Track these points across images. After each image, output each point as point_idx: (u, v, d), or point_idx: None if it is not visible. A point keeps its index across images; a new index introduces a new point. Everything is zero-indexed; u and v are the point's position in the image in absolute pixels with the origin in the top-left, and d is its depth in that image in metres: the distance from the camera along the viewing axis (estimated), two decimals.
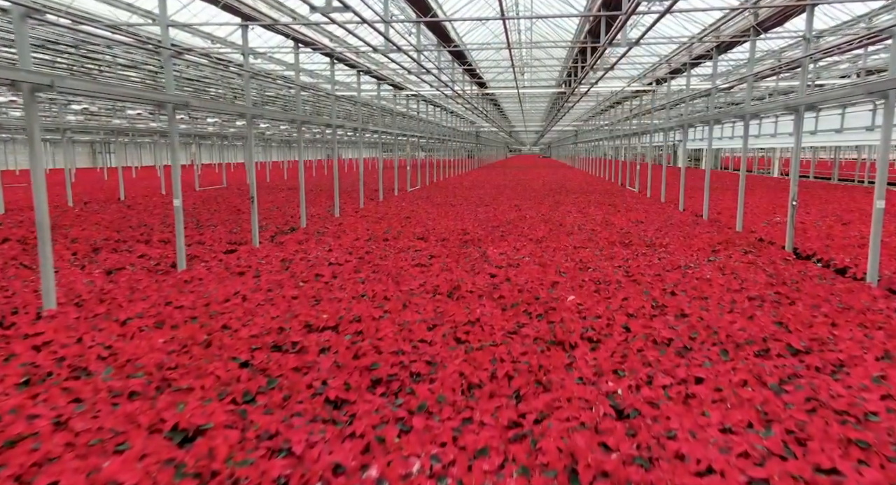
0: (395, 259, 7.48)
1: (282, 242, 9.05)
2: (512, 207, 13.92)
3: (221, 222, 11.26)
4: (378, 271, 6.70)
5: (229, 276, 6.44)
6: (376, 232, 9.87)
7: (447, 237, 9.29)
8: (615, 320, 4.72)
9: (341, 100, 16.02)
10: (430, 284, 5.98)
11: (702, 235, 9.47)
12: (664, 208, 13.61)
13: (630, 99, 20.77)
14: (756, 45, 9.37)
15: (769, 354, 3.91)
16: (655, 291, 5.73)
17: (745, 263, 7.19)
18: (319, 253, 7.91)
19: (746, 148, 9.71)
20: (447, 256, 7.71)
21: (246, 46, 8.29)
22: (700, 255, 7.81)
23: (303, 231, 10.18)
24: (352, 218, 12.02)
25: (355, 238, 9.30)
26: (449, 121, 30.31)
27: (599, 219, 11.59)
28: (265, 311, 4.92)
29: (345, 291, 5.66)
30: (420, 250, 8.15)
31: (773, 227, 10.31)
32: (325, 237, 9.42)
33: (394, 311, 4.99)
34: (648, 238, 9.13)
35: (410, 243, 8.71)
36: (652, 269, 6.84)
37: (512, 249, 8.29)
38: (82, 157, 45.43)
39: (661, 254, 7.91)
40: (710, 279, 6.22)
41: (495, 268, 6.91)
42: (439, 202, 15.30)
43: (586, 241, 9.01)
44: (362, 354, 3.89)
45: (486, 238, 9.23)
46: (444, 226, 10.60)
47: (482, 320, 4.67)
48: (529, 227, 10.45)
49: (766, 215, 11.90)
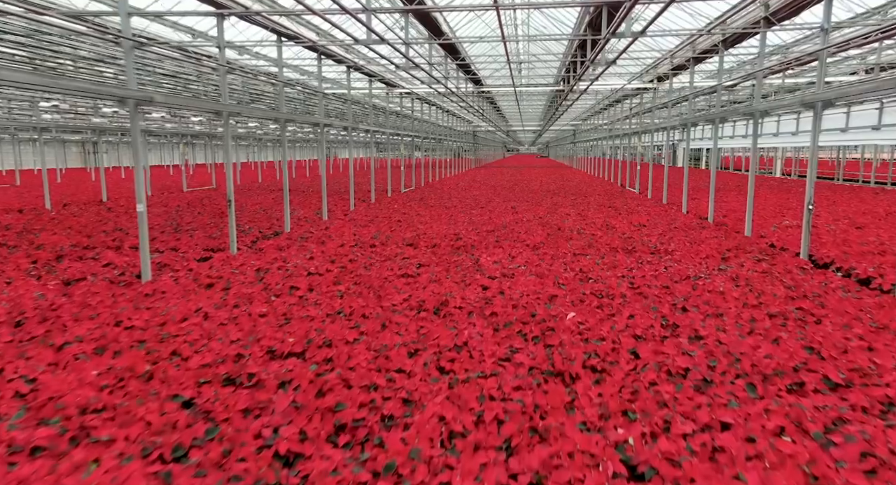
0: (381, 269, 6.91)
1: (262, 248, 8.47)
2: (508, 210, 13.35)
3: (202, 226, 10.68)
4: (360, 283, 6.13)
5: (196, 288, 5.86)
6: (363, 237, 9.31)
7: (438, 243, 8.73)
8: (621, 344, 4.16)
9: (330, 97, 15.43)
10: (415, 299, 5.41)
11: (709, 240, 8.92)
12: (667, 211, 13.06)
13: (630, 97, 20.22)
14: (766, 38, 8.81)
15: (804, 389, 3.34)
16: (664, 307, 5.17)
17: (759, 272, 6.63)
18: (300, 261, 7.33)
19: (756, 147, 9.16)
20: (437, 265, 7.14)
21: (221, 38, 7.71)
22: (709, 263, 7.26)
23: (286, 236, 9.60)
24: (340, 221, 11.45)
25: (340, 244, 8.73)
26: (445, 120, 29.74)
27: (599, 222, 11.03)
28: (225, 333, 4.34)
29: (319, 308, 5.09)
30: (408, 258, 7.58)
31: (783, 231, 9.76)
32: (308, 243, 8.85)
33: (371, 332, 4.42)
34: (652, 244, 8.57)
35: (398, 250, 8.14)
36: (658, 279, 6.28)
37: (507, 256, 7.72)
38: (74, 156, 44.77)
39: (668, 262, 7.35)
40: (724, 292, 5.67)
41: (488, 279, 6.35)
42: (433, 204, 14.73)
43: (586, 247, 8.45)
44: (328, 389, 3.32)
45: (480, 244, 8.67)
46: (436, 230, 10.03)
47: (470, 345, 4.11)
48: (526, 231, 9.88)
49: (773, 218, 11.35)
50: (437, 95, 20.75)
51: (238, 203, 15.35)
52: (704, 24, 10.99)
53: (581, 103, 26.37)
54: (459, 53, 12.35)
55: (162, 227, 10.70)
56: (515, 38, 13.11)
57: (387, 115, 17.34)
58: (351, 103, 13.69)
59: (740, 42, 9.77)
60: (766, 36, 8.72)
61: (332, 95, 14.85)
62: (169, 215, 12.46)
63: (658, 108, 18.14)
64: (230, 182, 8.22)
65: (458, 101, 19.60)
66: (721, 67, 10.69)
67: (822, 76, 7.13)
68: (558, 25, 13.44)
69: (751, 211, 9.50)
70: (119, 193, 19.42)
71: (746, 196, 16.07)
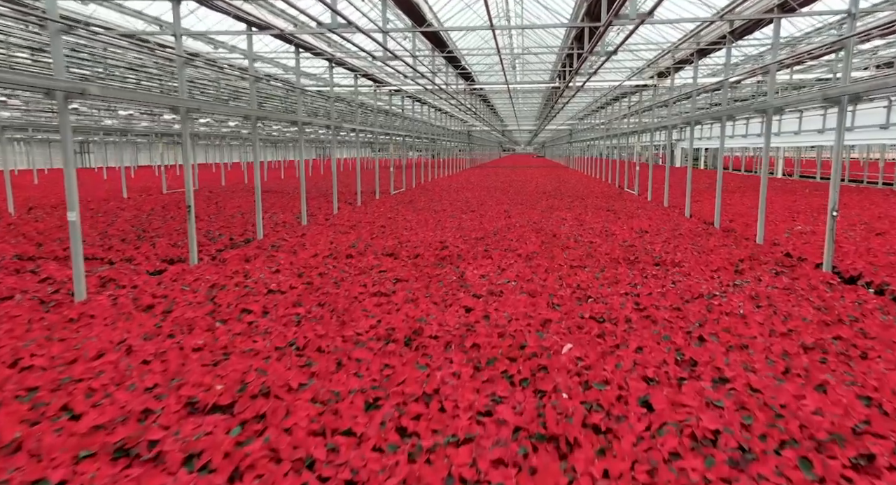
0: (352, 284, 6.10)
1: (225, 258, 7.66)
2: (501, 213, 12.56)
3: (169, 233, 9.86)
4: (324, 304, 5.32)
5: (132, 311, 5.05)
6: (340, 246, 8.50)
7: (422, 253, 7.93)
8: (629, 390, 3.37)
9: (312, 94, 14.61)
10: (385, 325, 4.61)
11: (718, 248, 8.14)
12: (669, 215, 12.29)
13: (629, 95, 19.46)
14: (780, 26, 8.04)
15: (875, 465, 2.55)
16: (677, 336, 4.38)
17: (780, 289, 5.85)
18: (263, 275, 6.53)
19: (769, 147, 8.38)
20: (416, 280, 6.34)
21: (177, 25, 6.90)
22: (722, 276, 6.47)
23: (256, 244, 8.79)
24: (319, 227, 10.64)
25: (314, 254, 7.92)
26: (438, 120, 28.95)
27: (598, 228, 10.25)
28: (142, 375, 3.53)
29: (269, 338, 4.29)
30: (385, 271, 6.78)
31: (797, 237, 8.99)
32: (279, 252, 8.04)
33: (323, 374, 3.62)
34: (657, 254, 7.79)
35: (376, 262, 7.33)
36: (667, 298, 5.49)
37: (496, 269, 6.93)
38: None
39: (675, 275, 6.57)
40: (745, 315, 4.88)
41: (472, 298, 5.56)
42: (421, 207, 13.94)
43: (584, 257, 7.66)
44: (246, 468, 2.52)
45: (468, 254, 7.87)
46: (422, 237, 9.24)
47: (443, 392, 3.31)
48: (518, 238, 9.09)
49: (783, 223, 10.59)
50: (428, 94, 19.96)
51: (217, 206, 14.52)
52: (710, 14, 10.21)
53: (578, 101, 25.61)
54: (447, 46, 11.57)
55: (125, 233, 9.88)
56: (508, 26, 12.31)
57: (375, 113, 16.52)
58: (334, 100, 12.87)
59: (751, 32, 9.01)
60: (780, 24, 7.95)
61: (314, 93, 14.02)
62: (138, 220, 11.63)
63: (658, 106, 17.38)
64: (189, 185, 7.41)
65: (448, 98, 18.81)
66: (728, 61, 9.92)
67: (848, 67, 6.36)
68: (554, 15, 12.65)
69: (763, 216, 8.72)
70: (96, 194, 18.56)
71: (752, 198, 15.35)
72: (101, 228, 10.47)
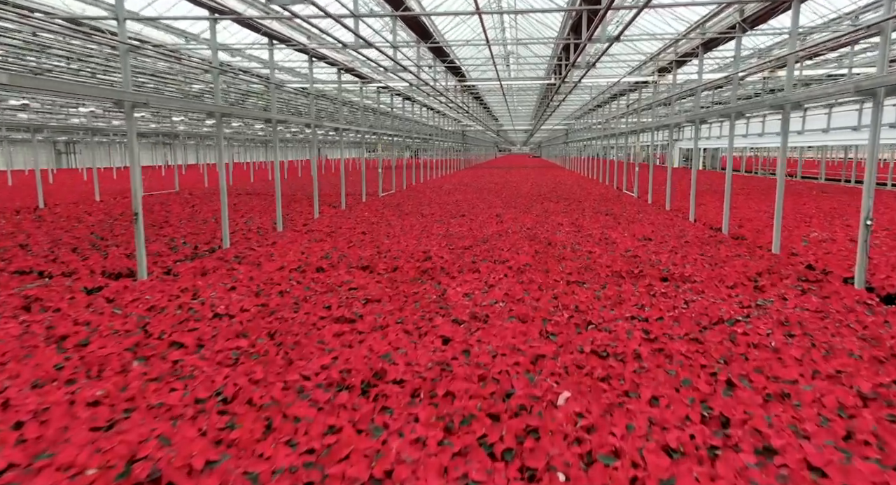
0: (315, 306, 5.25)
1: (179, 272, 6.80)
2: (492, 218, 11.73)
3: (129, 241, 9.00)
4: (275, 334, 4.48)
5: (40, 344, 4.18)
6: (313, 256, 7.65)
7: (401, 265, 7.08)
8: (647, 468, 2.53)
9: (290, 91, 13.73)
10: (341, 364, 3.77)
11: (731, 259, 7.32)
12: (672, 219, 11.47)
13: (627, 93, 18.65)
14: (799, 13, 7.22)
15: None
16: (700, 379, 3.55)
17: (812, 311, 5.02)
18: (216, 293, 5.68)
19: (786, 146, 7.56)
20: (390, 301, 5.50)
21: (120, 6, 6.05)
22: (741, 294, 5.65)
23: (220, 255, 7.93)
24: (295, 234, 9.79)
25: (280, 266, 7.07)
26: (431, 119, 28.12)
27: (597, 235, 9.42)
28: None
29: (191, 386, 3.43)
30: (356, 289, 5.93)
31: (815, 246, 8.19)
32: (242, 265, 7.18)
33: (245, 442, 2.77)
34: (663, 266, 6.95)
35: (348, 277, 6.47)
36: (682, 324, 4.66)
37: (483, 285, 6.09)
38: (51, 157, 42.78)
39: (687, 293, 5.74)
40: (778, 349, 4.06)
41: (453, 324, 4.72)
42: (409, 211, 13.09)
43: (582, 270, 6.83)
44: None
45: (452, 266, 7.03)
46: (404, 246, 8.40)
47: (398, 475, 2.47)
48: (510, 247, 8.26)
49: (797, 229, 9.77)
50: (418, 92, 19.12)
51: (193, 210, 13.66)
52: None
53: (575, 98, 24.80)
54: (431, 35, 10.72)
55: (80, 241, 9.01)
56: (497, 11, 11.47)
57: (362, 111, 15.66)
58: (314, 97, 12.02)
59: (765, 20, 8.21)
60: (799, 10, 7.14)
61: (296, 89, 13.16)
62: (101, 226, 10.76)
63: (659, 103, 16.58)
64: (136, 190, 6.53)
65: (437, 95, 17.96)
66: (738, 53, 9.10)
67: (885, 55, 5.54)
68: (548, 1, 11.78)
69: (779, 222, 7.89)
70: (67, 197, 17.67)
71: (758, 201, 14.49)
72: (56, 236, 9.60)
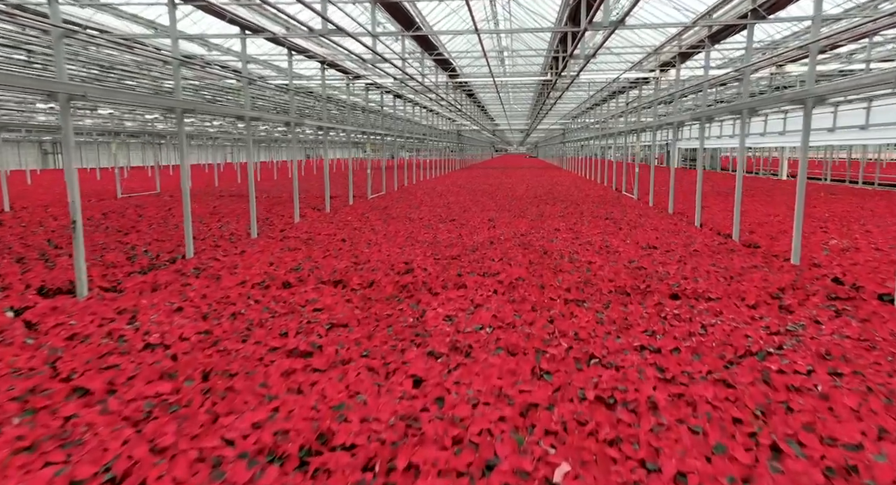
0: (268, 334, 4.47)
1: (125, 288, 6.01)
2: (484, 222, 10.96)
3: (88, 249, 8.19)
4: (210, 374, 3.69)
5: None
6: (282, 268, 6.86)
7: (378, 279, 6.30)
8: None
9: (268, 86, 12.93)
10: (278, 422, 2.98)
11: (748, 271, 6.56)
12: (676, 224, 10.71)
13: (626, 90, 17.90)
14: None
15: None
16: (736, 443, 2.78)
17: (853, 339, 4.26)
18: (157, 315, 4.89)
19: (807, 145, 6.81)
20: (359, 326, 4.72)
21: None
22: (766, 315, 4.88)
23: (179, 266, 7.13)
24: (269, 241, 9.00)
25: (242, 280, 6.27)
26: (423, 118, 27.34)
27: (597, 242, 8.66)
28: None
29: (75, 457, 2.64)
30: (320, 310, 5.15)
31: (837, 255, 7.44)
32: (199, 278, 6.39)
33: None
34: (673, 280, 6.18)
35: (315, 294, 5.68)
36: (703, 358, 3.90)
37: (469, 304, 5.32)
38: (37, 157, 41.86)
39: (703, 314, 4.97)
40: (826, 394, 3.29)
41: (428, 357, 3.94)
42: (395, 215, 12.31)
43: (582, 284, 6.06)
44: None
45: (435, 280, 6.25)
46: (385, 255, 7.62)
47: None
48: (502, 257, 7.48)
49: (813, 236, 9.02)
50: (408, 90, 18.33)
51: (168, 213, 12.85)
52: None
53: (572, 95, 24.03)
54: (414, 22, 9.93)
55: (31, 249, 8.21)
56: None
57: (349, 109, 14.87)
58: (295, 93, 11.22)
59: (783, 6, 7.45)
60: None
61: (272, 84, 12.36)
62: (63, 231, 9.96)
63: (661, 101, 15.83)
64: (74, 196, 5.72)
65: (427, 92, 17.17)
66: (750, 44, 8.35)
67: None
68: None
69: (800, 230, 7.12)
70: (39, 199, 16.83)
71: (766, 204, 13.69)
72: (7, 243, 8.80)
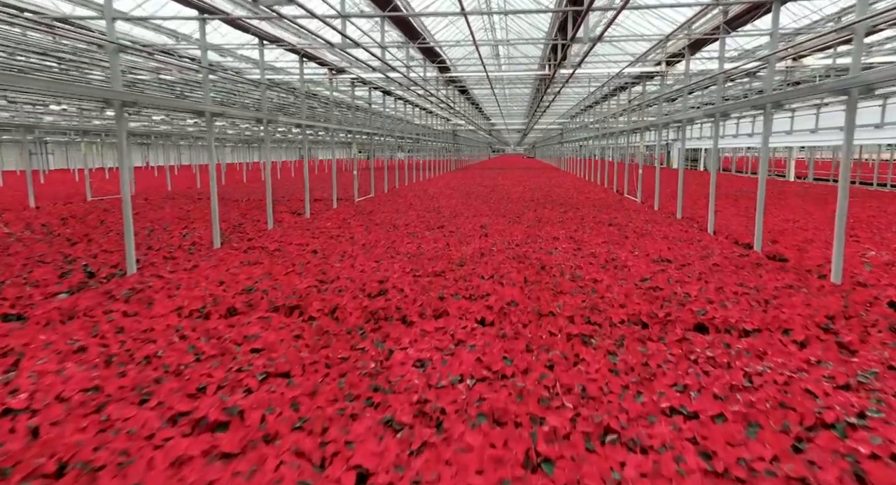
0: (179, 391, 3.41)
1: (30, 317, 4.95)
2: (476, 230, 9.91)
3: (23, 263, 7.14)
4: (66, 468, 2.63)
5: None
6: (232, 289, 5.80)
7: (344, 304, 5.23)
8: None
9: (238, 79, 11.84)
10: None
11: (782, 292, 5.52)
12: (687, 231, 9.68)
13: (629, 87, 16.87)
14: None
15: None
16: None
17: None
18: (44, 362, 3.83)
19: (851, 141, 5.77)
20: (304, 375, 3.66)
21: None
22: (824, 357, 3.84)
23: (114, 285, 6.06)
24: (230, 253, 7.94)
25: (178, 306, 5.21)
26: (417, 117, 26.29)
27: (601, 253, 7.61)
28: None
29: None
30: (259, 352, 4.08)
31: (882, 270, 6.40)
32: (129, 303, 5.33)
33: None
34: (697, 305, 5.13)
35: (260, 328, 4.61)
36: (761, 433, 2.84)
37: (448, 340, 4.26)
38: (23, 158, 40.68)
39: (743, 355, 3.92)
40: None
41: (385, 429, 2.88)
42: (380, 221, 11.26)
43: (587, 311, 5.01)
44: None
45: (412, 305, 5.19)
46: (356, 272, 6.56)
47: None
48: (493, 274, 6.43)
49: (846, 246, 7.97)
50: (397, 85, 17.27)
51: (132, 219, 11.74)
52: None
53: (570, 92, 22.98)
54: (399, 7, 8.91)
55: None
56: None
57: (332, 106, 13.82)
58: (266, 87, 10.16)
59: None
60: None
61: (230, 74, 11.28)
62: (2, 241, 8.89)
63: (666, 97, 14.81)
64: None
65: (412, 85, 16.12)
66: (776, 27, 7.32)
67: None
68: None
69: (842, 243, 6.06)
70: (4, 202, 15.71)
71: (780, 208, 12.55)
72: None
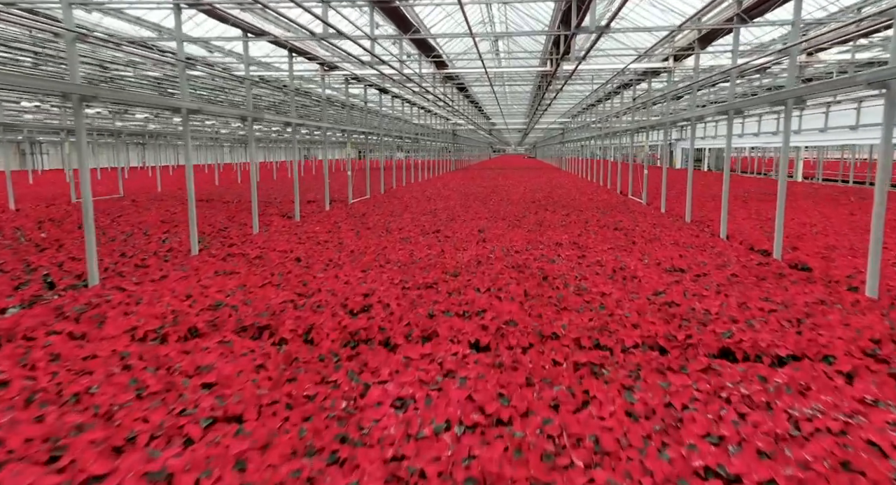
0: (102, 444, 2.80)
1: None
2: (473, 235, 9.31)
3: None
4: None
5: None
6: (198, 305, 5.19)
7: (321, 323, 4.62)
8: None
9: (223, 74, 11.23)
10: None
11: (815, 309, 4.91)
12: (698, 236, 9.07)
13: (634, 84, 16.26)
14: None
15: None
16: None
17: None
18: None
19: (891, 138, 5.16)
20: (258, 418, 3.05)
21: None
22: (881, 395, 3.23)
23: (69, 298, 5.45)
24: (206, 261, 7.34)
25: (132, 327, 4.61)
26: (416, 116, 25.69)
27: (608, 262, 7.00)
28: None
29: None
30: (210, 388, 3.47)
31: None
32: (79, 322, 4.73)
33: None
34: (719, 324, 4.51)
35: (216, 355, 4.01)
36: None
37: (435, 370, 3.66)
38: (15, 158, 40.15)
39: (779, 391, 3.32)
40: None
41: None
42: (372, 225, 10.66)
43: (594, 331, 4.40)
44: None
45: (398, 324, 4.58)
46: (340, 284, 5.96)
47: None
48: (489, 286, 5.82)
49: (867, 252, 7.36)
50: (393, 83, 16.66)
51: (111, 223, 11.13)
52: None
53: (572, 90, 22.36)
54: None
55: None
56: None
57: (324, 104, 13.23)
58: (252, 84, 9.55)
59: None
60: None
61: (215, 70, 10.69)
62: None
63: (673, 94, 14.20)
64: None
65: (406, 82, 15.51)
66: (798, 16, 6.72)
67: None
68: None
69: (878, 251, 5.44)
70: None
71: (792, 210, 11.80)
72: None
